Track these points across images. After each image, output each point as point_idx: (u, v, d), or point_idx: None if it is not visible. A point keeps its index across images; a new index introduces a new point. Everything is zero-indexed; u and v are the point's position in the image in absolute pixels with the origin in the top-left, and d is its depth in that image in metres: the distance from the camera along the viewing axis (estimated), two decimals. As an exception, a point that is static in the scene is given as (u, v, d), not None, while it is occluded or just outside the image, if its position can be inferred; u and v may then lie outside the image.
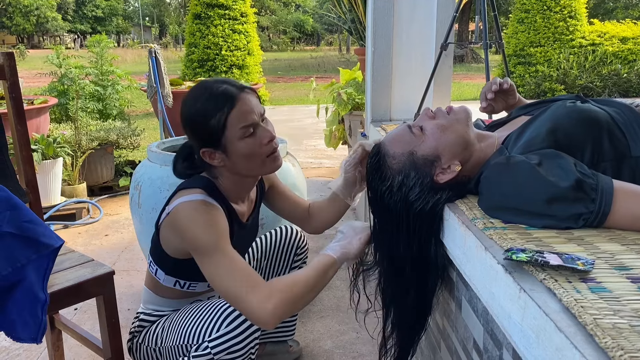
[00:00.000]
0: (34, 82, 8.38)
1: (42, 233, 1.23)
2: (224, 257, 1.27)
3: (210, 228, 1.30)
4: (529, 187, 1.03)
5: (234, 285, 1.24)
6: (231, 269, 1.26)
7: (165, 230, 1.42)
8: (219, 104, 1.32)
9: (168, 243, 1.43)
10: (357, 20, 4.62)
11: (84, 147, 4.01)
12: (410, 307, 1.37)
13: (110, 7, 49.76)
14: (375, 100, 2.77)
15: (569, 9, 8.93)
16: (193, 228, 1.31)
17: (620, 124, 1.15)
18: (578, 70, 8.39)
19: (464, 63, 20.60)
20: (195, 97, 1.35)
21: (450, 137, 1.23)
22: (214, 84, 1.36)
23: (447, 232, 1.23)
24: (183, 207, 1.34)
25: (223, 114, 1.32)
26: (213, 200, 1.38)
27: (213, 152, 1.37)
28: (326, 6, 25.87)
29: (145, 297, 1.58)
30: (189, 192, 1.37)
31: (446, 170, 1.23)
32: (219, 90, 1.34)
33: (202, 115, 1.33)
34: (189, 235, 1.31)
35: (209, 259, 1.28)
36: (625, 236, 0.97)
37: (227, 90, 1.34)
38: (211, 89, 1.34)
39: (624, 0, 27.10)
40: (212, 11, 8.36)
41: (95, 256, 1.74)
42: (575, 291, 0.76)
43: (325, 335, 2.16)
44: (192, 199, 1.34)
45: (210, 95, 1.33)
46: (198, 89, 1.37)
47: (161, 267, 1.48)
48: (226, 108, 1.32)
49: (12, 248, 1.18)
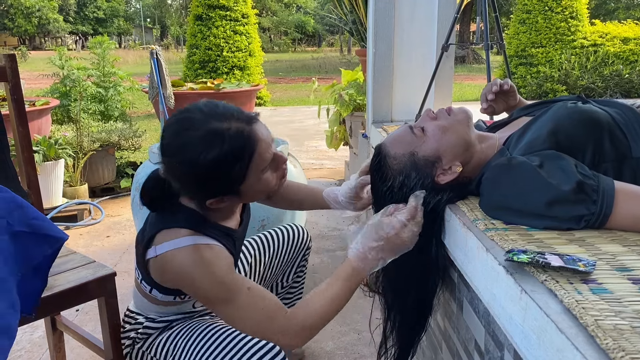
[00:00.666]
0: (35, 84, 8.40)
1: (50, 228, 1.24)
2: (235, 302, 1.18)
3: (211, 282, 1.17)
4: (530, 189, 1.03)
5: (251, 326, 1.20)
6: (246, 311, 1.18)
7: (155, 273, 1.25)
8: (239, 153, 1.13)
9: (162, 282, 1.27)
10: (358, 22, 4.62)
11: (86, 148, 4.02)
12: (411, 308, 1.37)
13: (112, 8, 49.84)
14: (376, 101, 2.77)
15: (570, 10, 8.94)
16: (193, 285, 1.19)
17: (622, 124, 1.15)
18: (579, 71, 8.39)
19: (466, 64, 20.60)
20: (205, 146, 1.10)
21: (451, 138, 1.23)
22: (222, 123, 1.12)
23: (449, 233, 1.23)
24: (174, 258, 1.18)
25: (244, 164, 1.15)
26: (204, 239, 1.21)
27: (222, 199, 1.20)
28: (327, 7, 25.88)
29: (143, 304, 1.41)
30: (174, 234, 1.20)
31: (447, 171, 1.23)
32: (234, 136, 1.12)
33: (218, 169, 1.13)
34: (192, 291, 1.22)
35: (222, 308, 1.20)
36: (627, 237, 0.97)
37: (242, 133, 1.13)
38: (222, 135, 1.11)
39: (625, 1, 27.08)
40: (213, 12, 8.38)
41: (96, 257, 1.74)
42: (577, 292, 0.76)
43: (326, 336, 2.16)
44: (182, 247, 1.18)
45: (224, 143, 1.11)
46: (205, 136, 1.11)
47: (156, 288, 1.31)
48: (246, 156, 1.15)
49: (28, 247, 1.19)
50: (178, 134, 1.14)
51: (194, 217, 1.24)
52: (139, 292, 1.39)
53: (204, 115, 1.13)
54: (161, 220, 1.24)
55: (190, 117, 1.14)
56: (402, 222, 1.18)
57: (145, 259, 1.25)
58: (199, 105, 1.16)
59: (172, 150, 1.14)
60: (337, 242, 3.19)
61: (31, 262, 1.19)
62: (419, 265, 1.29)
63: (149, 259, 1.24)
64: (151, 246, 1.22)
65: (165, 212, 1.26)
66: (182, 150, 1.12)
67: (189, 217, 1.23)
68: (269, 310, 1.20)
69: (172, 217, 1.24)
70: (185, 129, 1.13)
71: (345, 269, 1.23)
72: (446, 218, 1.25)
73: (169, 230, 1.21)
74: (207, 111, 1.14)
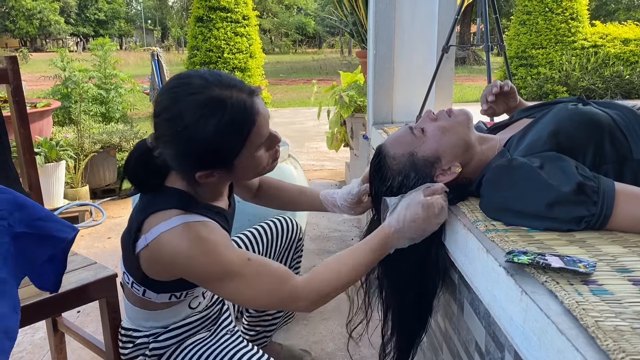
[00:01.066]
0: (37, 85, 8.41)
1: (55, 228, 1.22)
2: (239, 276, 1.13)
3: (208, 258, 1.11)
4: (531, 190, 1.03)
5: (261, 298, 1.16)
6: (252, 284, 1.14)
7: (148, 264, 1.18)
8: (239, 125, 1.09)
9: (155, 273, 1.21)
10: (359, 23, 4.62)
11: (87, 150, 4.02)
12: (410, 309, 1.37)
13: (113, 10, 49.87)
14: (377, 102, 2.77)
15: (570, 11, 8.94)
16: (191, 265, 1.12)
17: (622, 126, 1.15)
18: (580, 72, 8.39)
19: (466, 65, 20.60)
20: (206, 113, 1.06)
21: (451, 138, 1.24)
22: (224, 91, 1.08)
23: (449, 234, 1.23)
24: (168, 240, 1.11)
25: (242, 136, 1.11)
26: (195, 217, 1.15)
27: (212, 172, 1.14)
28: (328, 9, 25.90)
29: (138, 315, 1.34)
30: (164, 215, 1.13)
31: (446, 172, 1.24)
32: (236, 106, 1.08)
33: (215, 141, 1.08)
34: (190, 273, 1.15)
35: (224, 286, 1.14)
36: (627, 238, 0.97)
37: (245, 104, 1.09)
38: (224, 104, 1.07)
39: (625, 2, 27.08)
40: (214, 14, 8.38)
41: (98, 259, 1.74)
42: (577, 293, 0.76)
43: (327, 338, 2.16)
44: (174, 227, 1.11)
45: (225, 111, 1.07)
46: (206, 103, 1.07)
47: (150, 288, 1.25)
48: (245, 128, 1.10)
49: (30, 248, 1.18)
50: (178, 97, 1.08)
51: (182, 198, 1.17)
52: (130, 301, 1.33)
53: (206, 82, 1.09)
54: (147, 205, 1.18)
55: (192, 82, 1.09)
56: (442, 206, 1.16)
57: (136, 254, 1.17)
58: (201, 72, 1.12)
59: (169, 113, 1.08)
60: (338, 243, 3.19)
61: (34, 263, 1.18)
62: (418, 266, 1.30)
63: (139, 251, 1.16)
64: (140, 236, 1.15)
65: (150, 197, 1.20)
66: (180, 115, 1.07)
67: (177, 197, 1.17)
68: (275, 277, 1.15)
69: (159, 200, 1.17)
70: (186, 93, 1.08)
71: (378, 238, 1.18)
72: (447, 219, 1.25)
73: (157, 213, 1.14)
74: (210, 78, 1.09)
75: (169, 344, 1.33)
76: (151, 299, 1.27)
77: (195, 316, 1.39)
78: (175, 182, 1.19)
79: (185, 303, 1.35)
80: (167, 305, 1.31)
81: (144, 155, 1.17)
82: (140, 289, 1.26)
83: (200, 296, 1.40)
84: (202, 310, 1.42)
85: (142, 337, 1.34)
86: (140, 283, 1.25)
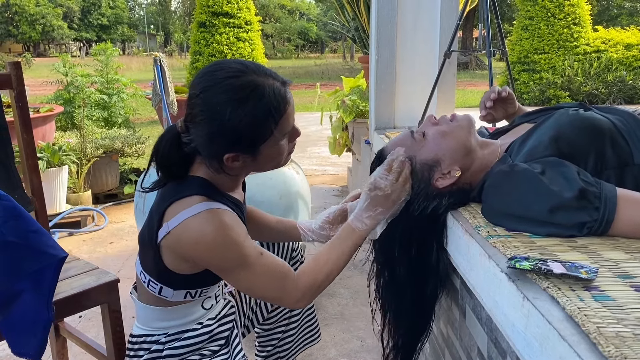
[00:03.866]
0: (40, 90, 8.44)
1: (47, 243, 1.23)
2: (251, 267, 1.19)
3: (228, 244, 1.16)
4: (533, 196, 1.03)
5: (265, 290, 1.24)
6: (260, 276, 1.21)
7: (169, 251, 1.20)
8: (272, 111, 1.14)
9: (177, 264, 1.23)
10: (361, 29, 4.63)
11: (89, 155, 4.03)
12: (411, 313, 1.37)
13: (116, 15, 50.06)
14: (379, 107, 2.78)
15: (573, 16, 8.95)
16: (213, 250, 1.16)
17: (623, 131, 1.15)
18: (583, 77, 8.39)
19: (468, 70, 20.62)
20: (240, 99, 1.11)
21: (451, 142, 1.25)
22: (261, 78, 1.14)
23: (451, 240, 1.23)
24: (191, 226, 1.14)
25: (274, 122, 1.15)
26: (217, 204, 1.19)
27: (238, 156, 1.17)
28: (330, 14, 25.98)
29: (151, 316, 1.33)
30: (188, 202, 1.17)
31: (446, 176, 1.25)
32: (272, 93, 1.14)
33: (249, 124, 1.13)
34: (209, 258, 1.19)
35: (237, 274, 1.20)
36: (629, 244, 0.97)
37: (278, 92, 1.16)
38: (263, 89, 1.13)
39: (628, 7, 27.10)
40: (216, 19, 8.41)
41: (100, 264, 1.75)
42: (579, 299, 0.76)
43: (329, 344, 2.16)
44: (199, 212, 1.15)
45: (263, 97, 1.13)
46: (245, 86, 1.12)
47: (167, 285, 1.27)
48: (278, 115, 1.15)
49: (16, 258, 1.18)
50: (216, 79, 1.13)
51: (205, 185, 1.21)
52: (144, 301, 1.33)
53: (245, 67, 1.15)
54: (169, 194, 1.21)
55: (231, 66, 1.15)
56: (379, 177, 1.26)
57: (157, 244, 1.19)
58: (239, 60, 1.19)
59: (207, 93, 1.13)
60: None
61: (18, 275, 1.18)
62: (419, 270, 1.30)
63: (160, 240, 1.18)
64: (162, 225, 1.18)
65: (172, 186, 1.23)
66: (217, 96, 1.12)
67: (200, 184, 1.21)
68: (280, 272, 1.23)
69: (182, 187, 1.20)
70: (225, 76, 1.13)
71: (344, 229, 1.30)
72: (449, 225, 1.25)
73: (180, 201, 1.17)
74: (248, 64, 1.16)
75: (183, 352, 1.32)
76: (167, 298, 1.29)
77: (208, 328, 1.37)
78: (199, 171, 1.23)
79: (198, 303, 1.36)
80: (182, 304, 1.32)
81: (174, 139, 1.20)
82: (157, 286, 1.27)
83: (213, 298, 1.40)
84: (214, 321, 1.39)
85: (156, 342, 1.33)
86: (157, 280, 1.26)
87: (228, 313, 1.45)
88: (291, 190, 2.31)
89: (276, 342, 1.72)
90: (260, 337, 1.71)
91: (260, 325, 1.69)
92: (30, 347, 1.23)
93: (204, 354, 1.35)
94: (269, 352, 1.72)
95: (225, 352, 1.38)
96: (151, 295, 1.30)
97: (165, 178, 1.24)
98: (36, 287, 1.21)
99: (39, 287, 1.22)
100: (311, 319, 1.78)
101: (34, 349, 1.23)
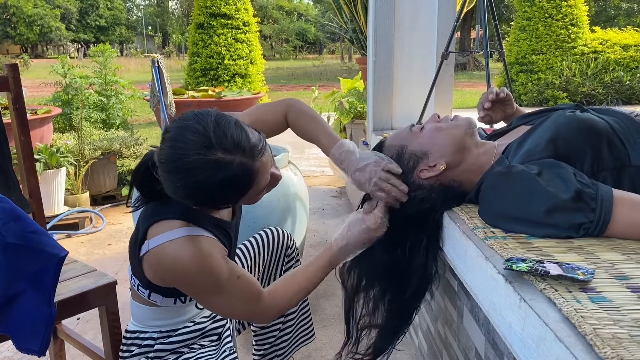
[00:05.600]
0: (37, 92, 8.43)
1: (47, 243, 1.24)
2: (225, 293, 1.21)
3: (204, 272, 1.16)
4: (529, 197, 1.04)
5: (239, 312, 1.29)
6: (235, 299, 1.24)
7: (149, 269, 1.21)
8: (239, 186, 1.13)
9: (156, 281, 1.24)
10: (359, 30, 4.64)
11: (87, 156, 4.03)
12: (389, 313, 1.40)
13: (114, 16, 50.04)
14: (376, 109, 2.78)
15: (570, 17, 8.97)
16: (188, 277, 1.16)
17: (620, 133, 1.15)
18: (580, 78, 8.40)
19: (466, 70, 20.65)
20: (208, 175, 1.07)
21: (443, 137, 1.29)
22: (227, 156, 1.08)
23: (448, 241, 1.24)
24: (168, 251, 1.14)
25: (241, 194, 1.15)
26: (197, 230, 1.19)
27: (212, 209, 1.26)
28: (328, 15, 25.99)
29: (144, 315, 1.35)
30: (167, 225, 1.17)
31: (431, 169, 1.28)
32: (238, 170, 1.09)
33: (216, 196, 1.12)
34: (184, 284, 1.20)
35: (211, 299, 1.23)
36: (626, 245, 0.97)
37: (245, 167, 1.11)
38: (226, 168, 1.07)
39: (625, 8, 27.14)
40: (214, 21, 8.41)
41: (98, 266, 1.74)
42: (575, 301, 0.76)
43: (327, 345, 2.16)
44: (176, 238, 1.15)
45: (227, 175, 1.08)
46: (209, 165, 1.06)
47: (154, 291, 1.27)
48: (246, 188, 1.14)
49: (17, 259, 1.19)
50: (181, 155, 1.07)
51: (186, 208, 1.19)
52: (137, 301, 1.34)
53: (210, 142, 1.07)
54: (153, 213, 1.21)
55: (196, 140, 1.07)
56: (381, 219, 1.29)
57: (140, 257, 1.20)
58: (208, 127, 1.08)
59: (172, 168, 1.08)
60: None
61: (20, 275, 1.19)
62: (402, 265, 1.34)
63: (142, 255, 1.19)
64: (144, 241, 1.19)
65: (156, 205, 1.22)
66: (183, 173, 1.07)
67: (181, 209, 1.19)
68: (253, 295, 1.26)
69: (164, 209, 1.20)
70: (191, 152, 1.06)
71: (325, 256, 1.34)
72: (446, 225, 1.26)
73: (161, 222, 1.17)
74: (215, 139, 1.07)
75: (174, 348, 1.34)
76: (156, 302, 1.30)
77: (201, 325, 1.39)
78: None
79: (192, 304, 1.37)
80: (174, 309, 1.34)
81: (151, 168, 1.16)
82: (145, 292, 1.28)
83: None
84: (208, 319, 1.42)
85: (149, 338, 1.35)
86: (145, 287, 1.27)
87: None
88: (289, 192, 2.31)
89: (273, 340, 1.73)
90: (257, 336, 1.72)
91: (257, 324, 1.70)
92: (34, 343, 1.24)
93: (194, 347, 1.37)
94: (266, 350, 1.73)
95: (214, 346, 1.40)
96: (142, 298, 1.32)
97: (144, 197, 1.25)
98: (37, 286, 1.22)
99: (40, 286, 1.23)
100: (307, 317, 1.80)
101: (38, 345, 1.24)
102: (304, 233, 2.52)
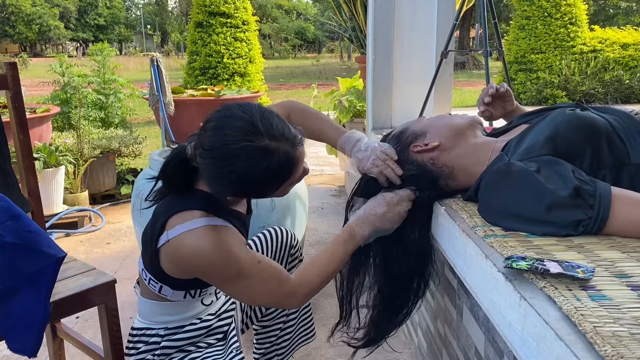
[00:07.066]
0: (36, 91, 8.42)
1: (45, 243, 1.23)
2: (249, 278, 1.22)
3: (227, 260, 1.19)
4: (528, 194, 1.04)
5: (264, 297, 1.29)
6: (259, 284, 1.24)
7: (167, 260, 1.23)
8: (281, 174, 1.19)
9: (173, 272, 1.26)
10: (358, 29, 4.64)
11: (86, 155, 4.02)
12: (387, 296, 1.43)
13: (113, 15, 50.00)
14: (376, 107, 2.77)
15: (569, 16, 8.96)
16: (211, 265, 1.19)
17: (620, 131, 1.15)
18: (580, 77, 8.40)
19: (466, 69, 20.64)
20: (253, 161, 1.13)
21: (443, 123, 1.38)
22: (273, 142, 1.14)
23: (448, 239, 1.24)
24: (188, 241, 1.17)
25: (280, 183, 1.22)
26: (217, 220, 1.22)
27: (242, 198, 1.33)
28: (327, 14, 25.99)
29: (152, 311, 1.36)
30: (188, 216, 1.20)
31: (425, 146, 1.34)
32: (282, 158, 1.15)
33: (256, 183, 1.17)
34: (206, 273, 1.22)
35: (236, 286, 1.23)
36: (626, 243, 0.97)
37: (288, 155, 1.17)
38: (272, 155, 1.13)
39: (624, 7, 27.15)
40: (213, 19, 8.40)
41: (97, 264, 1.74)
42: (576, 299, 0.76)
43: (326, 343, 2.16)
44: (197, 228, 1.18)
45: (271, 163, 1.14)
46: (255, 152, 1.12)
47: (166, 284, 1.29)
48: (285, 177, 1.21)
49: (15, 259, 1.18)
50: (227, 142, 1.12)
51: (207, 200, 1.23)
52: (145, 297, 1.36)
53: (258, 130, 1.13)
54: (173, 204, 1.24)
55: (245, 127, 1.13)
56: (402, 196, 1.31)
57: (157, 248, 1.22)
58: (254, 115, 1.15)
59: (218, 155, 1.13)
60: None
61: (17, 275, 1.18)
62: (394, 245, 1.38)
63: (160, 247, 1.21)
64: (163, 232, 1.21)
65: (177, 197, 1.26)
66: (231, 158, 1.12)
67: (202, 199, 1.23)
68: (277, 278, 1.26)
69: (185, 200, 1.23)
70: (239, 139, 1.12)
71: (344, 233, 1.34)
72: (445, 225, 1.26)
73: (182, 213, 1.20)
74: (263, 127, 1.14)
75: (180, 345, 1.36)
76: (167, 296, 1.32)
77: (207, 322, 1.40)
78: (203, 184, 1.25)
79: (198, 300, 1.39)
80: (182, 303, 1.36)
81: (182, 163, 1.22)
82: (157, 285, 1.30)
83: (214, 295, 1.44)
84: (214, 317, 1.43)
85: (155, 335, 1.35)
86: (157, 280, 1.29)
87: (229, 309, 1.49)
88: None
89: (274, 340, 1.73)
90: (258, 335, 1.72)
91: (259, 322, 1.70)
92: (26, 344, 1.23)
93: (200, 345, 1.38)
94: (267, 349, 1.73)
95: (221, 345, 1.40)
96: (152, 292, 1.33)
97: (168, 190, 1.28)
98: (34, 286, 1.22)
99: (37, 287, 1.22)
100: (308, 316, 1.80)
101: (30, 346, 1.23)
102: (304, 232, 2.52)
